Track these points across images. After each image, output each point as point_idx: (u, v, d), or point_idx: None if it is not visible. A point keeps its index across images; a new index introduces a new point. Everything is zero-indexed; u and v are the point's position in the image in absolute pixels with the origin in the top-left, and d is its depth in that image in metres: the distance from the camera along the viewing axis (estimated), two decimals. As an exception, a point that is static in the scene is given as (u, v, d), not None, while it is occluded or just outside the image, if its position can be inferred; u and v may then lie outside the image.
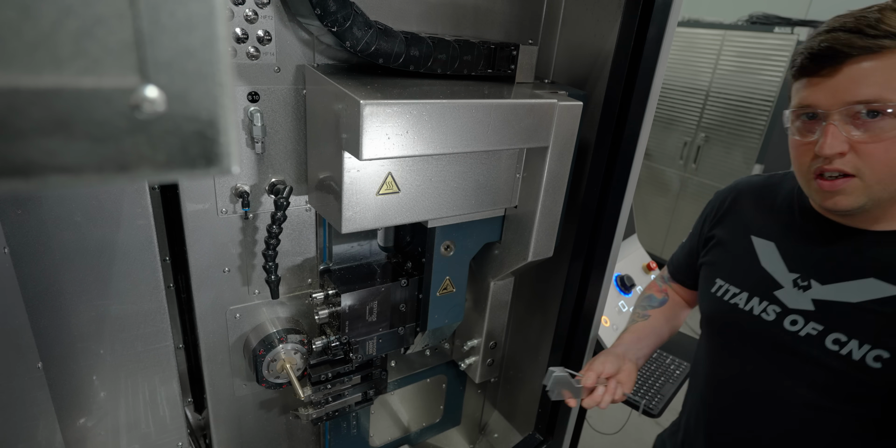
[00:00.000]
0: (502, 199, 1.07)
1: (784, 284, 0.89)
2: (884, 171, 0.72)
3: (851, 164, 0.73)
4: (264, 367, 1.05)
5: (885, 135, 0.70)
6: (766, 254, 0.93)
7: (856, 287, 0.82)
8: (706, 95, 3.20)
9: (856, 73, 0.70)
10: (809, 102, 0.75)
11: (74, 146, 0.25)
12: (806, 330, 0.85)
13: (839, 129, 0.72)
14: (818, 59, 0.72)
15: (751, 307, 0.92)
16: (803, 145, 0.79)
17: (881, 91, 0.69)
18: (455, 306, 1.20)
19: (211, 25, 0.26)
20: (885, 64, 0.69)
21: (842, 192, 0.75)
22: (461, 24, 1.05)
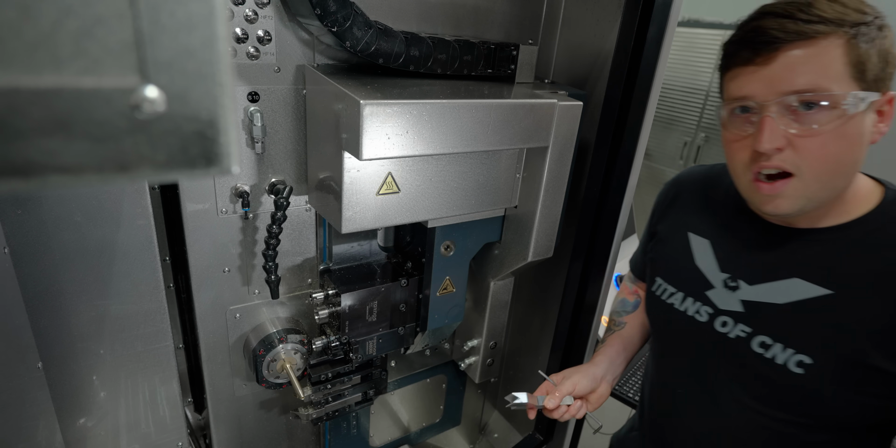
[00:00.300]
0: (502, 199, 1.07)
1: (715, 284, 0.85)
2: (822, 168, 0.68)
3: (790, 161, 0.69)
4: (264, 367, 1.05)
5: (822, 128, 0.66)
6: (701, 252, 0.90)
7: (782, 288, 0.79)
8: (706, 95, 3.20)
9: (790, 61, 0.66)
10: (745, 93, 0.70)
11: (74, 146, 0.25)
12: (735, 332, 0.82)
13: (776, 122, 0.68)
14: (752, 46, 0.68)
15: (685, 307, 0.89)
16: (739, 141, 0.74)
17: (817, 79, 0.65)
18: (455, 306, 1.20)
19: (211, 25, 0.26)
20: (820, 51, 0.65)
21: (781, 194, 0.71)
22: (461, 24, 1.05)
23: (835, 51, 0.65)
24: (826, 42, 0.65)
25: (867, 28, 0.65)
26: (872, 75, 0.66)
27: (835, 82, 0.65)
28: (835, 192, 0.72)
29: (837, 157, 0.68)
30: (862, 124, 0.68)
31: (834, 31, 0.65)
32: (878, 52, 0.66)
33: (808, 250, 0.77)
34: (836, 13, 0.65)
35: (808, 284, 0.76)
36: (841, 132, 0.66)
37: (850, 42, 0.65)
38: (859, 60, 0.65)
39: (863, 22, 0.65)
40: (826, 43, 0.65)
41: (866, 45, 0.65)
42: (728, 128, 0.75)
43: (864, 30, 0.65)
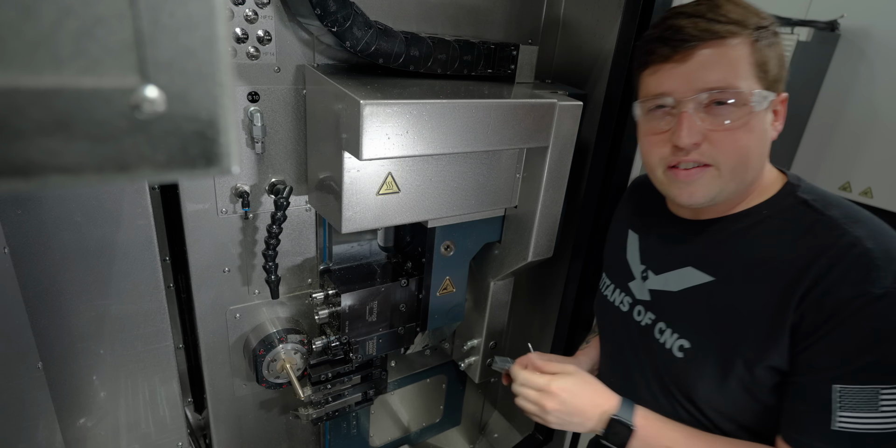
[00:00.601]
0: (502, 199, 1.07)
1: (636, 275, 0.90)
2: (736, 161, 0.72)
3: (707, 154, 0.72)
4: (264, 367, 1.05)
5: (733, 123, 0.70)
6: (631, 246, 0.94)
7: (677, 276, 0.83)
8: (706, 95, 3.20)
9: (704, 59, 0.70)
10: (663, 90, 0.74)
11: (74, 146, 0.25)
12: (645, 320, 0.87)
13: (693, 118, 0.71)
14: (671, 44, 0.71)
15: (614, 298, 0.95)
16: (656, 135, 0.77)
17: (727, 77, 0.69)
18: (455, 306, 1.20)
19: (211, 25, 0.26)
20: (729, 51, 0.69)
21: (696, 182, 0.74)
22: (461, 24, 1.05)
23: (742, 51, 0.70)
24: (734, 42, 0.70)
25: (766, 31, 0.71)
26: (772, 76, 0.72)
27: (742, 80, 0.70)
28: (743, 184, 0.75)
29: (748, 150, 0.72)
30: (764, 121, 0.73)
31: (740, 31, 0.69)
32: (775, 55, 0.72)
33: (703, 239, 0.81)
34: (741, 15, 0.70)
35: (697, 272, 0.80)
36: (749, 127, 0.71)
37: (754, 44, 0.70)
38: (762, 61, 0.70)
39: (763, 25, 0.70)
40: (734, 43, 0.70)
41: (767, 48, 0.70)
42: (644, 124, 0.79)
43: (765, 33, 0.70)
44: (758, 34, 0.70)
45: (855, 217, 0.70)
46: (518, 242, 1.10)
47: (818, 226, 0.70)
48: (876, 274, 0.64)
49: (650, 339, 0.85)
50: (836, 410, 0.66)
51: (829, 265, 0.66)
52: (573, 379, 0.86)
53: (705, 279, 0.79)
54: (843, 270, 0.66)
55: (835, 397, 0.66)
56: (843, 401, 0.66)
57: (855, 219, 0.70)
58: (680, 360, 0.80)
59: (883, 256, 0.65)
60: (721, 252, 0.78)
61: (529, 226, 1.06)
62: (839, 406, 0.66)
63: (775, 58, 0.72)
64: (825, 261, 0.67)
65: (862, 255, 0.65)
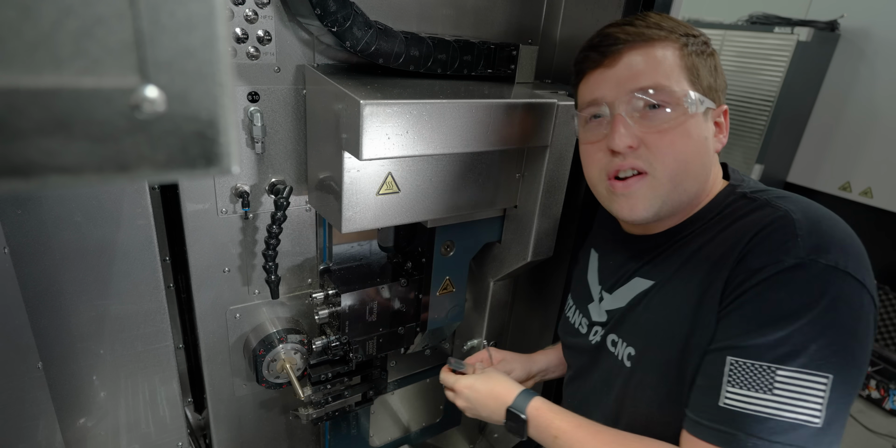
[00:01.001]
0: (502, 199, 1.07)
1: (594, 296, 0.90)
2: (673, 167, 0.70)
3: (644, 159, 0.71)
4: (264, 367, 1.05)
5: (668, 126, 0.69)
6: (592, 266, 0.94)
7: (625, 290, 0.82)
8: (706, 95, 3.20)
9: (633, 61, 0.71)
10: (596, 96, 0.74)
11: (74, 146, 0.25)
12: (598, 338, 0.86)
13: (627, 120, 0.71)
14: (600, 49, 0.73)
15: (574, 320, 0.94)
16: (594, 144, 0.76)
17: (657, 78, 0.69)
18: (455, 306, 1.20)
19: (211, 25, 0.26)
20: (657, 53, 0.70)
21: (636, 193, 0.72)
22: (461, 24, 1.05)
23: (671, 54, 0.71)
24: (662, 45, 0.71)
25: (695, 40, 0.72)
26: (706, 83, 0.72)
27: (674, 82, 0.70)
28: (687, 195, 0.73)
29: (685, 156, 0.71)
30: (703, 128, 0.72)
31: (668, 36, 0.71)
32: (708, 64, 0.72)
33: (651, 253, 0.80)
34: (668, 23, 0.72)
35: (642, 280, 0.80)
36: (685, 131, 0.70)
37: (683, 49, 0.71)
38: (693, 65, 0.71)
39: (691, 34, 0.72)
40: (662, 46, 0.71)
41: (697, 55, 0.71)
42: (583, 134, 0.79)
43: (693, 41, 0.72)
44: (686, 40, 0.71)
45: (790, 197, 0.69)
46: (518, 242, 1.10)
47: (752, 209, 0.69)
48: (793, 242, 0.61)
49: (605, 353, 0.84)
50: (725, 385, 0.63)
51: (752, 236, 0.65)
52: (477, 376, 0.92)
53: (647, 285, 0.78)
54: (763, 239, 0.64)
55: (726, 370, 0.63)
56: (733, 375, 0.62)
57: (789, 198, 0.69)
58: (627, 370, 0.78)
59: (806, 227, 0.62)
60: (664, 258, 0.77)
61: (529, 226, 1.06)
62: (728, 380, 0.62)
63: (707, 67, 0.72)
64: (751, 234, 0.65)
65: (785, 224, 0.63)
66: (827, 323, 0.59)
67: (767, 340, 0.61)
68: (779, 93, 2.83)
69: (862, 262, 0.62)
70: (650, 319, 0.76)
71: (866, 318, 0.61)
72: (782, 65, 2.81)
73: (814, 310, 0.59)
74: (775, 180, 3.18)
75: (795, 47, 2.74)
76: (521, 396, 0.85)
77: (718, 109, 0.74)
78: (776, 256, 0.61)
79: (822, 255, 0.60)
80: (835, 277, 0.60)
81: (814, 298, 0.59)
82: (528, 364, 1.07)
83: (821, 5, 3.02)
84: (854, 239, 0.64)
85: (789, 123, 2.98)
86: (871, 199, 2.93)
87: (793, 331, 0.59)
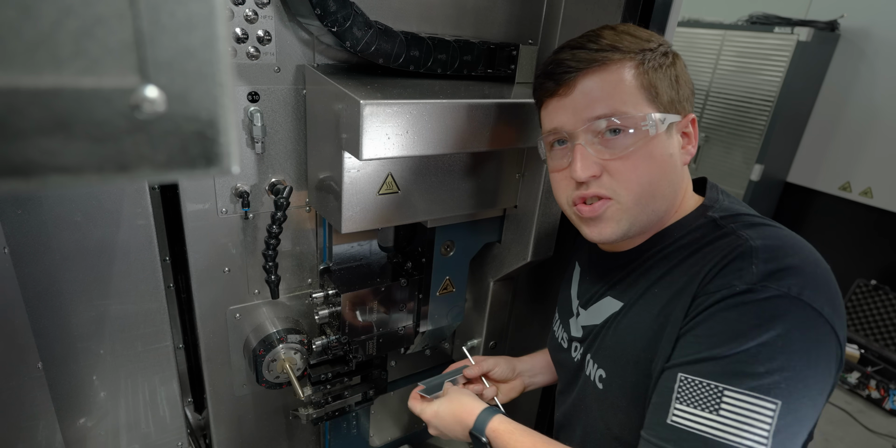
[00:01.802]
0: (502, 199, 1.07)
1: (574, 312, 0.89)
2: (638, 191, 0.70)
3: (607, 187, 0.70)
4: (264, 367, 1.05)
5: (629, 151, 0.68)
6: (574, 279, 0.94)
7: (598, 308, 0.81)
8: (706, 95, 3.20)
9: (588, 89, 0.69)
10: (555, 125, 0.73)
11: (74, 146, 0.25)
12: (579, 354, 0.86)
13: (588, 149, 0.70)
14: (553, 77, 0.71)
15: (558, 335, 0.94)
16: (560, 172, 0.75)
17: (614, 104, 0.68)
18: (455, 306, 1.20)
19: (211, 25, 0.26)
20: (612, 77, 0.68)
21: (602, 217, 0.72)
22: (461, 24, 1.05)
23: (626, 75, 0.68)
24: (616, 67, 0.68)
25: (652, 54, 0.69)
26: (667, 98, 0.69)
27: (631, 105, 0.68)
28: (655, 214, 0.73)
29: (650, 178, 0.70)
30: (667, 146, 0.70)
31: (622, 57, 0.68)
32: (667, 77, 0.70)
33: (621, 269, 0.79)
34: (621, 41, 0.69)
35: (613, 301, 0.79)
36: (648, 153, 0.68)
37: (639, 67, 0.68)
38: (650, 84, 0.68)
39: (647, 49, 0.69)
40: (616, 68, 0.68)
41: (654, 71, 0.69)
42: (549, 161, 0.78)
43: (650, 55, 0.69)
44: (642, 57, 0.68)
45: (757, 224, 0.68)
46: (518, 242, 1.10)
47: (718, 238, 0.68)
48: (749, 270, 0.61)
49: (582, 373, 0.84)
50: (674, 401, 0.62)
51: (713, 266, 0.65)
52: (441, 401, 0.91)
53: (618, 307, 0.77)
54: (722, 267, 0.64)
55: (675, 387, 0.63)
56: (682, 392, 0.62)
57: (756, 225, 0.68)
58: (600, 391, 0.78)
59: (764, 254, 0.62)
60: (633, 279, 0.77)
61: (529, 226, 1.06)
62: (677, 397, 0.62)
63: (667, 79, 0.70)
64: (712, 264, 0.65)
65: (744, 252, 0.63)
66: (778, 349, 0.58)
67: (717, 360, 0.60)
68: (779, 93, 2.83)
69: (822, 292, 0.61)
70: (617, 343, 0.75)
71: (825, 349, 0.60)
72: (782, 65, 2.81)
73: (764, 334, 0.58)
74: (775, 180, 3.19)
75: (795, 47, 2.74)
76: (481, 417, 0.83)
77: (685, 120, 0.72)
78: (729, 281, 0.62)
79: (775, 282, 0.60)
80: (787, 304, 0.59)
81: (763, 323, 0.59)
82: (513, 361, 1.07)
83: (821, 5, 3.02)
84: (818, 268, 0.63)
85: (789, 123, 2.98)
86: (871, 199, 2.93)
87: (742, 352, 0.59)
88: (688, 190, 0.77)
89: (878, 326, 2.90)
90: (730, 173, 3.12)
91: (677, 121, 0.71)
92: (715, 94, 3.15)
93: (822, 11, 2.98)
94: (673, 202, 0.74)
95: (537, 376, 1.08)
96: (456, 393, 0.91)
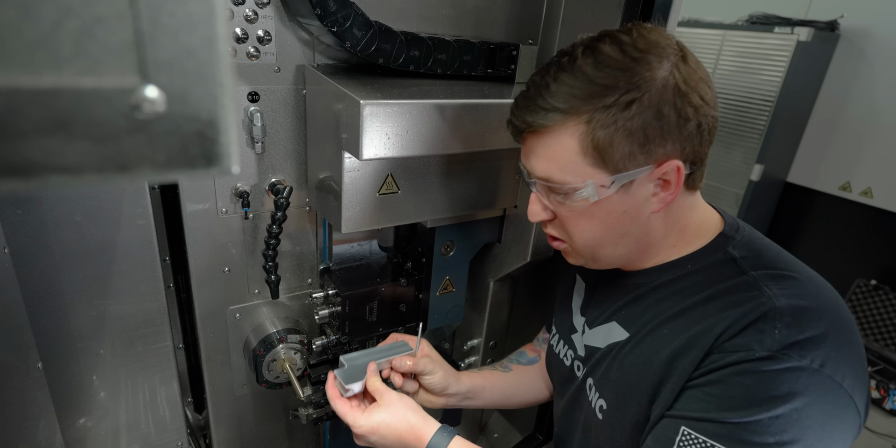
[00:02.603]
0: (502, 199, 1.07)
1: (578, 328, 0.87)
2: (587, 241, 0.69)
3: (558, 230, 0.72)
4: (264, 367, 1.05)
5: (571, 210, 0.67)
6: (577, 294, 0.91)
7: (604, 331, 0.79)
8: (706, 95, 3.20)
9: (531, 147, 0.68)
10: (521, 163, 0.72)
11: (74, 146, 0.25)
12: (581, 375, 0.83)
13: (541, 194, 0.70)
14: (512, 124, 0.69)
15: (559, 351, 0.91)
16: None
17: (550, 170, 0.65)
18: (455, 306, 1.20)
19: (211, 25, 0.26)
20: (552, 142, 0.64)
21: (566, 252, 0.75)
22: (461, 24, 1.04)
23: (567, 142, 0.63)
24: (559, 132, 0.63)
25: (606, 111, 0.60)
26: (619, 155, 0.62)
27: (569, 173, 0.64)
28: (616, 257, 0.72)
29: (594, 233, 0.68)
30: (620, 203, 0.65)
31: (564, 120, 0.62)
32: (623, 132, 0.61)
33: (628, 293, 0.77)
34: (572, 98, 0.61)
35: (618, 328, 0.76)
36: (590, 214, 0.66)
37: (587, 126, 0.61)
38: (596, 146, 0.61)
39: (602, 105, 0.60)
40: (559, 133, 0.63)
41: (605, 130, 0.61)
42: None
43: (601, 115, 0.60)
44: (589, 117, 0.61)
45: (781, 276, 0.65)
46: (518, 242, 1.10)
47: (739, 287, 0.64)
48: (771, 334, 0.59)
49: (584, 396, 0.81)
50: None
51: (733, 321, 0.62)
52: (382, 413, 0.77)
53: (623, 336, 0.75)
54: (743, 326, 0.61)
55: (677, 439, 0.61)
56: (682, 445, 0.61)
57: (780, 278, 0.64)
58: (600, 423, 0.76)
59: (789, 317, 0.59)
60: (640, 308, 0.74)
61: (529, 226, 1.06)
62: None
63: (622, 135, 0.60)
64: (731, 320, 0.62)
65: (768, 313, 0.60)
66: (792, 422, 0.56)
67: (725, 424, 0.59)
68: (779, 93, 2.83)
69: (845, 360, 0.59)
70: (622, 379, 0.73)
71: (841, 421, 0.58)
72: (782, 65, 2.81)
73: (779, 407, 0.56)
74: (775, 180, 3.19)
75: (795, 47, 2.74)
76: (436, 440, 0.74)
77: (661, 168, 0.63)
78: (748, 343, 0.59)
79: (797, 351, 0.58)
80: (807, 377, 0.57)
81: (779, 395, 0.57)
82: (452, 376, 0.94)
83: (821, 5, 3.02)
84: (842, 333, 0.61)
85: (789, 123, 2.98)
86: (871, 199, 2.93)
87: (753, 422, 0.57)
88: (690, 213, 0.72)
89: (878, 326, 2.90)
90: (730, 173, 3.12)
91: (646, 173, 0.63)
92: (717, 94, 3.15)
93: (822, 11, 2.98)
94: (637, 247, 0.71)
95: (465, 401, 0.97)
96: (399, 405, 0.78)
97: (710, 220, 0.74)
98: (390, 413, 0.77)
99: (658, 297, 0.72)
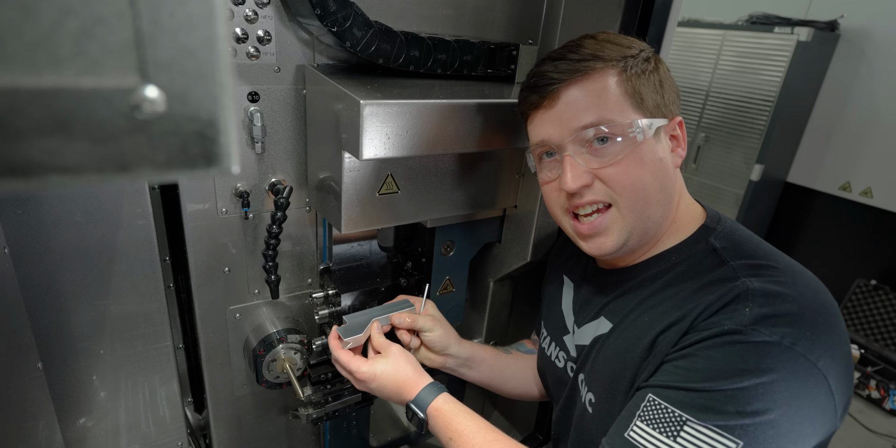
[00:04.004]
0: (502, 199, 1.07)
1: (569, 329, 0.88)
2: (632, 196, 0.69)
3: (602, 193, 0.70)
4: (264, 367, 1.05)
5: (618, 158, 0.68)
6: (566, 295, 0.91)
7: (591, 328, 0.80)
8: (706, 95, 3.20)
9: (572, 99, 0.69)
10: (542, 137, 0.73)
11: (74, 146, 0.25)
12: (573, 375, 0.84)
13: (577, 159, 0.70)
14: (537, 90, 0.71)
15: (551, 352, 0.92)
16: (551, 183, 0.75)
17: (600, 112, 0.68)
18: (455, 306, 1.20)
19: (211, 25, 0.26)
20: (596, 85, 0.68)
21: (603, 231, 0.72)
22: (461, 24, 1.04)
23: (610, 83, 0.68)
24: (599, 76, 0.68)
25: (634, 60, 0.69)
26: (652, 103, 0.69)
27: (617, 113, 0.68)
28: (652, 221, 0.72)
29: (643, 183, 0.69)
30: (656, 150, 0.70)
31: (604, 65, 0.68)
32: (651, 82, 0.69)
33: (616, 289, 0.78)
34: (602, 49, 0.69)
35: (605, 322, 0.78)
36: (638, 159, 0.68)
37: (622, 74, 0.68)
38: (635, 90, 0.68)
39: (629, 55, 0.69)
40: (599, 76, 0.68)
41: (638, 77, 0.69)
42: (539, 173, 0.78)
43: (632, 62, 0.69)
44: (624, 64, 0.68)
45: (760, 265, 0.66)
46: (518, 242, 1.10)
47: (721, 280, 0.66)
48: (742, 311, 0.60)
49: (576, 394, 0.82)
50: (637, 417, 0.63)
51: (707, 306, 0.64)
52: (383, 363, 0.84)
53: (607, 328, 0.76)
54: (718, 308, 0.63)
55: (642, 404, 0.63)
56: (647, 411, 0.62)
57: (759, 267, 0.66)
58: (591, 417, 0.77)
59: (761, 300, 0.61)
60: (626, 300, 0.76)
61: (529, 226, 1.06)
62: (640, 414, 0.63)
63: (651, 84, 0.69)
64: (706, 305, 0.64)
65: (740, 294, 0.62)
66: (758, 395, 0.57)
67: (689, 392, 0.60)
68: (779, 93, 2.83)
69: (821, 341, 0.59)
70: (606, 369, 0.75)
71: (812, 401, 0.59)
72: (782, 65, 2.81)
73: (746, 381, 0.57)
74: (775, 180, 3.19)
75: (795, 47, 2.74)
76: (424, 393, 0.80)
77: (672, 123, 0.72)
78: (720, 321, 0.62)
79: (767, 327, 0.59)
80: (778, 353, 0.58)
81: (748, 368, 0.58)
82: (453, 337, 0.99)
83: (821, 5, 3.02)
84: (819, 315, 0.62)
85: (789, 123, 2.98)
86: (871, 199, 2.93)
87: (718, 391, 0.58)
88: (682, 194, 0.76)
89: (878, 326, 2.90)
90: (730, 173, 3.12)
91: (664, 124, 0.70)
92: (715, 94, 3.15)
93: (822, 11, 2.98)
94: (669, 207, 0.73)
95: (462, 368, 1.01)
96: (400, 357, 0.85)
97: (694, 208, 0.77)
98: (391, 363, 0.85)
99: (643, 290, 0.74)
